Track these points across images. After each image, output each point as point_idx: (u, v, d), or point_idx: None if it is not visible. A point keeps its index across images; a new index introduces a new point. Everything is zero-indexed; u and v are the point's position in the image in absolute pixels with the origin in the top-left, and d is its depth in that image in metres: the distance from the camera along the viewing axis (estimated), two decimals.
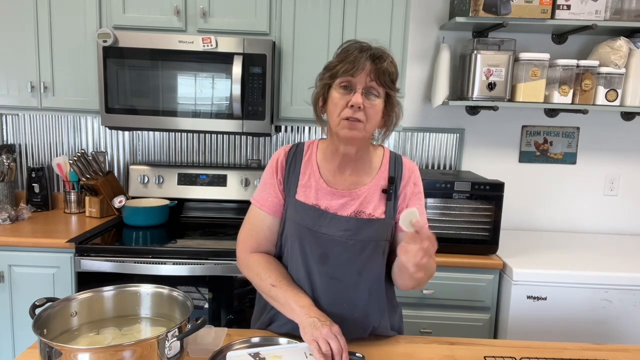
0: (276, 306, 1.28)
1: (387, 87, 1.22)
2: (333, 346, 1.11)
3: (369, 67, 1.19)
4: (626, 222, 2.75)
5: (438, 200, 2.19)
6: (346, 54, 1.22)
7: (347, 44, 1.25)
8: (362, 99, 1.19)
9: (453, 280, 2.15)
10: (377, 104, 1.22)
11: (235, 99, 2.19)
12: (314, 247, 1.28)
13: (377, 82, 1.20)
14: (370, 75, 1.20)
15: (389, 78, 1.22)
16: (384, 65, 1.20)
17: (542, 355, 1.28)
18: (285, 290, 1.25)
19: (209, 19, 2.25)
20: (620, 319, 2.09)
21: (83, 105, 2.33)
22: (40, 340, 1.00)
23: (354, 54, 1.20)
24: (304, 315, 1.19)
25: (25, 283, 2.12)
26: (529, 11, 2.24)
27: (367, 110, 1.21)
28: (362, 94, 1.20)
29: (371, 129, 1.25)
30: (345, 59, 1.21)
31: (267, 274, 1.29)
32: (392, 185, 1.32)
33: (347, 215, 1.29)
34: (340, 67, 1.20)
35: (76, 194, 2.60)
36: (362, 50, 1.21)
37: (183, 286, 2.06)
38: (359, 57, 1.20)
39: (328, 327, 1.14)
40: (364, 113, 1.20)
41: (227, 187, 2.60)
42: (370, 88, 1.21)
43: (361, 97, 1.20)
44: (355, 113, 1.20)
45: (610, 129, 2.68)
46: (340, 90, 1.22)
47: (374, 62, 1.20)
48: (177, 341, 1.05)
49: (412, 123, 2.68)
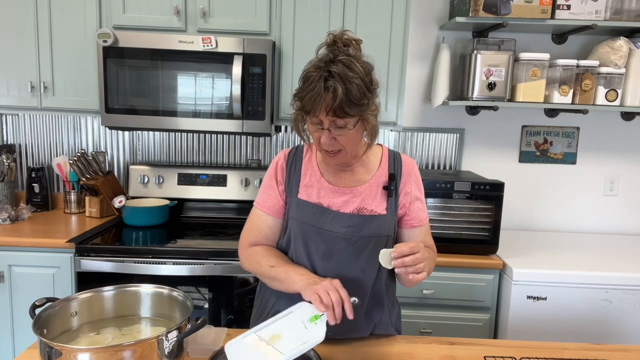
0: (278, 286, 1.28)
1: (350, 115, 1.16)
2: (332, 297, 1.11)
3: (326, 102, 1.13)
4: (626, 222, 2.75)
5: (438, 200, 2.19)
6: (307, 82, 1.16)
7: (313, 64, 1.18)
8: (329, 138, 1.19)
9: (453, 280, 2.15)
10: (350, 132, 1.20)
11: (235, 99, 2.19)
12: (318, 244, 1.30)
13: (337, 117, 1.15)
14: (329, 114, 1.15)
15: (351, 103, 1.14)
16: (336, 96, 1.12)
17: (542, 355, 1.28)
18: (284, 267, 1.27)
19: (209, 19, 2.25)
20: (620, 319, 2.09)
21: (83, 105, 2.33)
22: (40, 340, 1.00)
23: (311, 85, 1.14)
24: (304, 281, 1.20)
25: (25, 283, 2.12)
26: (529, 11, 2.24)
27: (340, 139, 1.20)
28: (330, 129, 1.18)
29: (355, 149, 1.27)
30: (305, 91, 1.16)
31: (266, 259, 1.30)
32: (393, 181, 1.34)
33: (350, 212, 1.30)
34: (303, 104, 1.17)
35: (76, 194, 2.60)
36: (320, 77, 1.14)
37: (183, 286, 2.06)
38: (315, 89, 1.13)
39: (328, 281, 1.15)
40: (339, 142, 1.21)
41: (227, 187, 2.60)
42: (337, 120, 1.17)
43: (329, 136, 1.19)
44: (329, 148, 1.21)
45: (610, 129, 2.68)
46: (313, 125, 1.21)
47: (327, 92, 1.13)
48: (177, 341, 1.05)
49: (412, 123, 2.68)
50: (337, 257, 1.30)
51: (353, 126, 1.19)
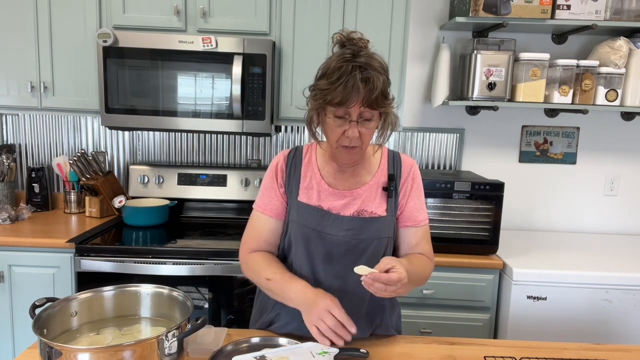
0: (277, 299, 1.29)
1: (381, 108, 1.17)
2: (329, 323, 1.12)
3: (361, 94, 1.13)
4: (626, 222, 2.75)
5: (438, 200, 2.19)
6: (336, 75, 1.15)
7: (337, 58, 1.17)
8: (357, 129, 1.18)
9: (453, 280, 2.15)
10: (373, 126, 1.21)
11: (235, 99, 2.19)
12: (318, 248, 1.29)
13: (371, 108, 1.16)
14: (364, 104, 1.15)
15: (383, 97, 1.16)
16: (375, 88, 1.13)
17: (542, 355, 1.28)
18: (279, 281, 1.26)
19: (209, 19, 2.25)
20: (620, 319, 2.09)
21: (83, 105, 2.33)
22: (40, 340, 1.00)
23: (344, 78, 1.13)
24: (300, 300, 1.20)
25: (25, 283, 2.12)
26: (529, 11, 2.24)
27: (364, 133, 1.20)
28: (357, 122, 1.18)
29: (368, 146, 1.28)
30: (337, 83, 1.14)
31: (264, 270, 1.30)
32: (392, 182, 1.33)
33: (350, 215, 1.30)
34: (333, 96, 1.14)
35: (76, 194, 2.60)
36: (351, 74, 1.13)
37: (183, 286, 2.06)
38: (349, 82, 1.12)
39: (318, 307, 1.15)
40: (361, 136, 1.20)
41: (227, 187, 2.60)
42: (365, 113, 1.17)
43: (357, 126, 1.18)
44: (352, 142, 1.20)
45: (610, 129, 2.68)
46: (334, 119, 1.19)
47: (365, 85, 1.13)
48: (177, 341, 1.05)
49: (412, 123, 2.68)
50: (337, 260, 1.29)
51: (378, 120, 1.21)
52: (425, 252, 1.37)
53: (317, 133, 1.29)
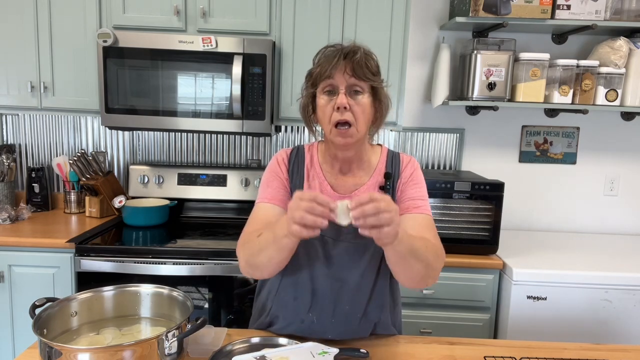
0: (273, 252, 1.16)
1: (368, 79, 1.21)
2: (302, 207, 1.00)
3: (344, 64, 1.19)
4: (626, 222, 2.75)
5: (438, 200, 2.19)
6: (321, 58, 1.24)
7: (322, 48, 1.27)
8: (346, 99, 1.20)
9: (453, 280, 2.15)
10: (364, 101, 1.22)
11: (235, 99, 2.19)
12: (317, 249, 1.29)
13: (357, 77, 1.19)
14: (348, 72, 1.19)
15: (368, 70, 1.21)
16: (357, 58, 1.19)
17: (542, 355, 1.28)
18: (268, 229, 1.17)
19: (209, 19, 2.25)
20: (620, 319, 2.09)
21: (83, 105, 2.33)
22: (40, 340, 1.00)
23: (328, 56, 1.21)
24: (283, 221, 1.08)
25: (25, 283, 2.12)
26: (529, 11, 2.24)
27: (354, 109, 1.20)
28: (346, 94, 1.20)
29: (363, 128, 1.24)
30: (322, 59, 1.22)
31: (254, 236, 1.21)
32: (389, 180, 1.32)
33: None
34: (318, 72, 1.21)
35: (76, 194, 2.60)
36: (336, 50, 1.22)
37: (183, 286, 2.06)
38: (332, 56, 1.20)
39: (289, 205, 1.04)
40: (351, 113, 1.20)
41: (227, 187, 2.60)
42: (353, 85, 1.20)
43: (345, 97, 1.20)
44: (343, 114, 1.19)
45: (610, 129, 2.68)
46: (325, 97, 1.22)
47: (347, 58, 1.19)
48: (177, 341, 1.05)
49: (412, 123, 2.68)
50: (336, 261, 1.29)
51: (368, 94, 1.22)
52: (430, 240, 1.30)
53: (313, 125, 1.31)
